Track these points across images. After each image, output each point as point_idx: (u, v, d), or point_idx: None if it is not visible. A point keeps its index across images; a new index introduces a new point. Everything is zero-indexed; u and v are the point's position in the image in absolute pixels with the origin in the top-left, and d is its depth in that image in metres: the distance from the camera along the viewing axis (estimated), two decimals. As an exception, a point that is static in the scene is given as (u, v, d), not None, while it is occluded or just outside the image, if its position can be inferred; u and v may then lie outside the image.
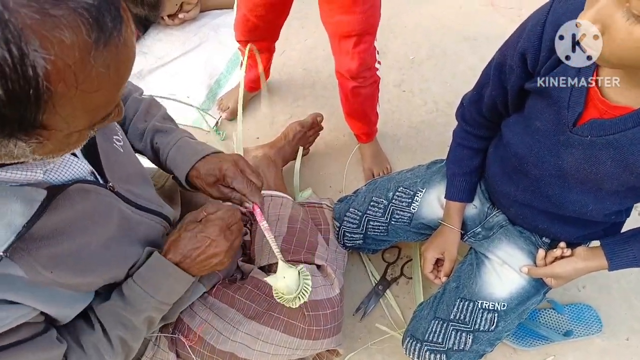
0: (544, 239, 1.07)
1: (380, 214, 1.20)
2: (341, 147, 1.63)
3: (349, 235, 1.23)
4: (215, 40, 1.84)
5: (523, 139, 0.89)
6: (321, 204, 1.32)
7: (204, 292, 0.98)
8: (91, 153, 0.67)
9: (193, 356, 0.95)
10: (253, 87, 1.62)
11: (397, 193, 1.19)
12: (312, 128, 1.51)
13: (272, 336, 0.95)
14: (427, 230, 1.19)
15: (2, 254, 0.50)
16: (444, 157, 1.19)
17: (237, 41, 1.44)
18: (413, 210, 1.17)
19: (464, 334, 1.04)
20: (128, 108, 0.90)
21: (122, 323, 0.74)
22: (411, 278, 1.40)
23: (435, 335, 1.06)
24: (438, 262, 1.15)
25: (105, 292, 0.76)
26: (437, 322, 1.07)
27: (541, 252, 1.03)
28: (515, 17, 1.98)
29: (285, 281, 0.83)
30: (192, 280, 0.80)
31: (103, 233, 0.67)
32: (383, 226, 1.20)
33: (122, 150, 0.76)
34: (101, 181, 0.68)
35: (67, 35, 0.37)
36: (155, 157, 0.90)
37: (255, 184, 0.85)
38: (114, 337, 0.73)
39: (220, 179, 0.84)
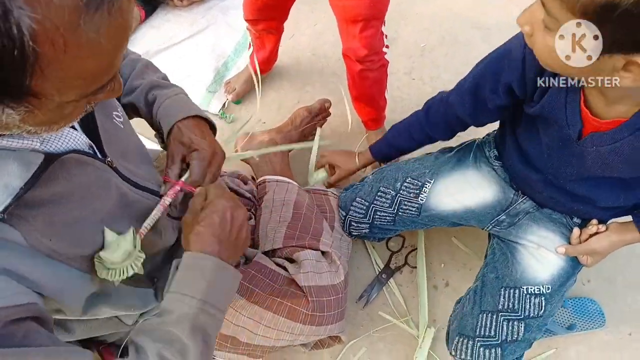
0: (575, 219, 1.05)
1: (388, 205, 1.18)
2: (349, 135, 1.61)
3: (355, 224, 1.22)
4: (223, 22, 1.82)
5: (539, 151, 0.92)
6: (327, 191, 1.31)
7: None
8: (90, 128, 0.66)
9: None
10: (261, 70, 1.61)
11: (405, 184, 1.18)
12: (319, 114, 1.49)
13: (274, 321, 0.95)
14: (437, 221, 1.17)
15: (1, 214, 0.50)
16: (452, 142, 1.19)
17: (246, 20, 1.42)
18: (421, 202, 1.16)
19: (515, 323, 1.01)
20: (124, 67, 0.87)
21: (162, 339, 0.63)
22: (415, 267, 1.39)
23: (487, 329, 1.02)
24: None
25: (124, 305, 0.74)
26: (485, 315, 1.03)
27: (576, 231, 1.02)
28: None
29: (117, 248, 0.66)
30: (235, 276, 0.71)
31: (100, 207, 0.66)
32: (390, 217, 1.19)
33: (122, 127, 0.74)
34: (100, 156, 0.67)
35: None
36: (145, 106, 0.84)
37: (204, 176, 0.78)
38: (152, 354, 0.61)
39: (190, 145, 0.78)
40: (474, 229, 1.19)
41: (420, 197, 1.16)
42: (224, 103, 1.65)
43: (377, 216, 1.20)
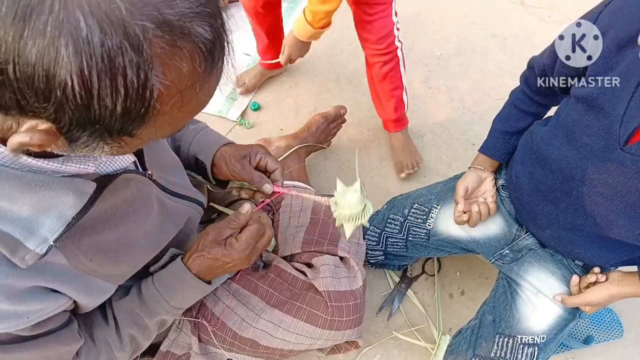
0: (576, 262, 1.03)
1: (397, 231, 1.19)
2: (364, 142, 1.63)
3: (370, 252, 1.24)
4: (243, 30, 1.85)
5: (566, 154, 0.84)
6: None
7: (228, 278, 1.00)
8: None
9: (215, 341, 0.96)
10: (271, 66, 1.65)
11: (413, 210, 1.18)
12: (334, 120, 1.51)
13: (294, 325, 0.96)
14: (447, 246, 1.17)
15: (52, 243, 0.52)
16: (469, 155, 1.18)
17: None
18: (429, 227, 1.16)
19: None
20: None
21: (135, 322, 0.77)
22: (432, 275, 1.39)
23: None
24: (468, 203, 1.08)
25: (123, 288, 0.78)
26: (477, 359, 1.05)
27: (575, 279, 1.00)
28: (545, 17, 1.95)
29: (346, 196, 0.75)
30: (208, 291, 0.83)
31: (144, 220, 0.69)
32: (402, 242, 1.20)
33: (159, 140, 0.77)
34: (141, 170, 0.69)
35: (184, 65, 0.39)
36: (172, 141, 0.91)
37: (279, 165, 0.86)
38: (125, 334, 0.76)
39: (248, 156, 0.85)
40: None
41: (427, 223, 1.16)
42: (243, 110, 1.67)
43: (389, 242, 1.21)
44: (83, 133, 0.40)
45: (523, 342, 1.01)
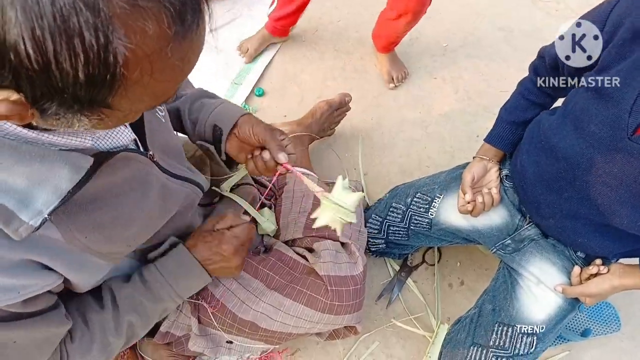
0: (578, 253, 1.04)
1: (400, 220, 1.20)
2: (368, 130, 1.62)
3: (372, 240, 1.24)
4: (248, 16, 1.84)
5: (573, 143, 0.84)
6: None
7: None
8: (136, 122, 0.67)
9: (215, 322, 0.97)
10: (279, 31, 1.68)
11: (415, 199, 1.18)
12: (339, 108, 1.50)
13: (293, 308, 0.96)
14: (449, 236, 1.17)
15: (47, 217, 0.51)
16: (473, 146, 1.18)
17: None
18: (431, 216, 1.16)
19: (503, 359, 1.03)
20: None
21: (136, 310, 0.77)
22: (432, 265, 1.40)
23: None
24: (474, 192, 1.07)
25: (124, 275, 0.79)
26: (476, 348, 1.05)
27: (576, 270, 1.00)
28: (552, 11, 1.94)
29: (346, 196, 0.73)
30: (209, 281, 0.86)
31: (142, 200, 0.68)
32: (403, 231, 1.20)
33: (163, 121, 0.77)
34: (142, 149, 0.69)
35: (150, 27, 0.37)
36: (189, 113, 0.89)
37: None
38: (123, 321, 0.76)
39: (272, 129, 0.83)
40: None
41: (430, 212, 1.16)
42: (247, 95, 1.67)
43: (390, 231, 1.21)
44: (52, 103, 0.39)
45: (522, 331, 1.02)
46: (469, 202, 1.04)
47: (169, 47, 0.40)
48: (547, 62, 0.93)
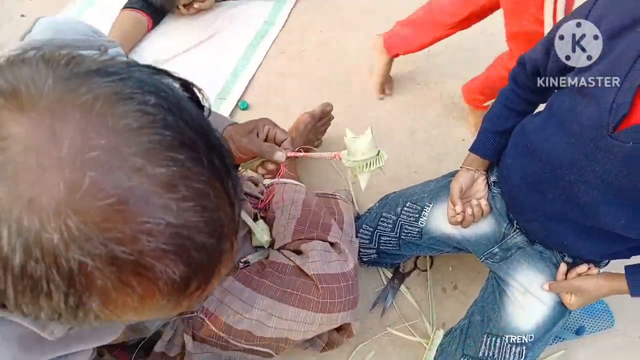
0: (566, 258, 1.05)
1: (390, 229, 1.20)
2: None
3: (363, 250, 1.24)
4: (231, 30, 1.84)
5: (557, 143, 0.85)
6: (335, 195, 1.32)
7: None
8: None
9: (211, 339, 0.96)
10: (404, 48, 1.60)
11: (405, 208, 1.19)
12: (322, 118, 1.50)
13: (286, 311, 0.95)
14: (440, 245, 1.18)
15: None
16: (459, 151, 1.19)
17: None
18: (421, 225, 1.16)
19: None
20: None
21: None
22: (424, 270, 1.40)
23: None
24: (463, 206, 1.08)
25: None
26: (466, 359, 1.06)
27: (563, 267, 1.01)
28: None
29: (357, 143, 0.76)
30: None
31: None
32: (394, 240, 1.20)
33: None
34: None
35: (134, 299, 0.34)
36: None
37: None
38: None
39: (255, 129, 0.82)
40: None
41: (420, 221, 1.17)
42: (232, 109, 1.67)
43: (381, 241, 1.21)
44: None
45: (511, 341, 1.03)
46: (458, 214, 1.05)
47: (154, 311, 0.36)
48: (528, 68, 0.95)
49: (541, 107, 1.02)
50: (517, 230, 1.09)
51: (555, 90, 0.90)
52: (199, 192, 0.33)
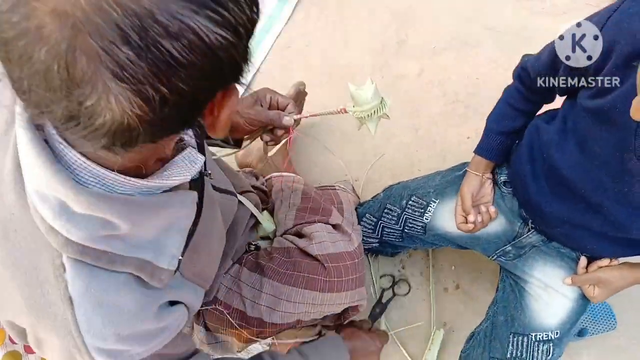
0: (585, 254, 1.02)
1: (394, 222, 1.18)
2: (359, 135, 1.61)
3: (365, 238, 1.23)
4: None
5: (578, 161, 0.82)
6: (334, 186, 1.32)
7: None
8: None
9: (221, 327, 0.96)
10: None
11: (410, 202, 1.17)
12: (297, 99, 1.49)
13: (294, 294, 0.95)
14: (444, 242, 1.16)
15: (180, 257, 0.55)
16: (463, 148, 1.17)
17: None
18: (426, 221, 1.15)
19: None
20: None
21: None
22: (405, 294, 1.38)
23: None
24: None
25: None
26: None
27: (583, 261, 1.00)
28: (539, 9, 1.94)
29: (362, 93, 0.81)
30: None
31: (214, 217, 0.72)
32: (397, 232, 1.19)
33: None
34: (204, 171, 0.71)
35: None
36: None
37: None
38: None
39: (258, 100, 0.86)
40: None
41: (425, 217, 1.15)
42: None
43: (385, 232, 1.20)
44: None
45: (538, 339, 1.01)
46: (471, 222, 1.03)
47: None
48: (531, 76, 0.92)
49: (547, 106, 1.01)
50: (532, 230, 1.06)
51: (566, 96, 0.88)
52: None
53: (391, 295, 1.38)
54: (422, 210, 1.15)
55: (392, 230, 1.20)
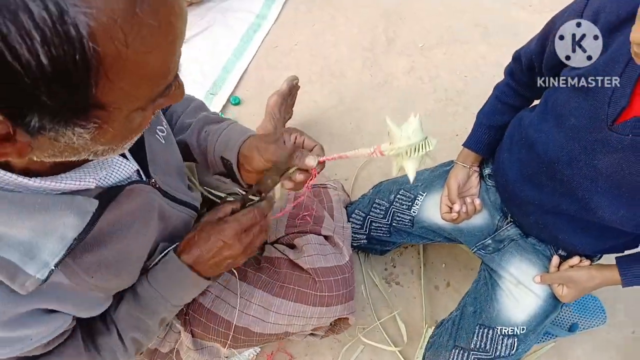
0: (560, 251, 1.04)
1: (382, 216, 1.19)
2: (347, 135, 1.61)
3: (354, 235, 1.23)
4: (222, 24, 1.82)
5: (554, 137, 0.84)
6: (326, 184, 1.31)
7: None
8: (136, 149, 0.64)
9: (209, 335, 0.95)
10: None
11: (398, 195, 1.18)
12: (290, 94, 1.49)
13: (284, 307, 0.94)
14: (430, 234, 1.17)
15: (53, 267, 0.49)
16: (453, 145, 1.18)
17: None
18: (413, 214, 1.16)
19: None
20: (177, 106, 0.87)
21: (136, 326, 0.75)
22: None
23: None
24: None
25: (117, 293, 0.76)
26: (457, 351, 1.04)
27: (555, 259, 1.01)
28: (526, 6, 1.94)
29: (404, 127, 0.67)
30: (207, 285, 0.78)
31: (144, 230, 0.66)
32: (385, 227, 1.20)
33: (163, 142, 0.73)
34: (144, 178, 0.66)
35: None
36: (198, 146, 0.84)
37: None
38: (127, 339, 0.74)
39: (281, 138, 0.75)
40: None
41: (412, 209, 1.16)
42: (223, 104, 1.65)
43: (373, 227, 1.21)
44: (33, 114, 0.35)
45: (503, 333, 1.02)
46: (455, 212, 1.05)
47: (137, 4, 0.34)
48: (524, 63, 0.94)
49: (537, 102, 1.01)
50: (511, 223, 1.09)
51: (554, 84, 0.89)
52: None
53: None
54: (410, 204, 1.17)
55: (380, 225, 1.20)
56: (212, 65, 1.72)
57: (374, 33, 1.84)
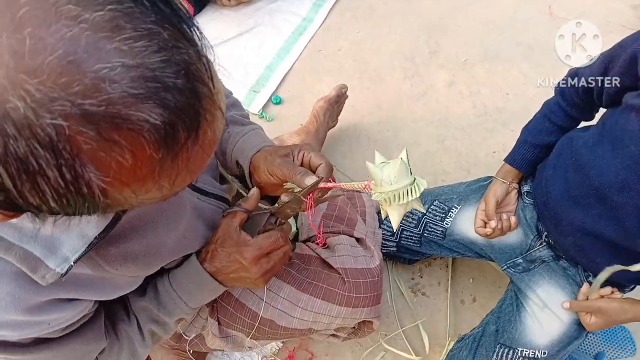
0: (590, 278, 1.02)
1: (414, 225, 1.19)
2: (383, 141, 1.62)
3: (383, 242, 1.24)
4: (269, 24, 1.86)
5: (609, 162, 0.83)
6: (358, 190, 1.33)
7: None
8: None
9: (235, 324, 0.96)
10: None
11: (433, 206, 1.18)
12: (337, 101, 1.51)
13: (311, 303, 0.96)
14: (461, 248, 1.17)
15: (72, 263, 0.50)
16: (489, 162, 1.17)
17: None
18: (446, 226, 1.16)
19: None
20: None
21: (154, 320, 0.77)
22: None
23: None
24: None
25: (139, 287, 0.76)
26: None
27: (585, 287, 1.00)
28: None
29: (386, 170, 0.59)
30: (224, 290, 0.80)
31: (175, 225, 0.66)
32: (416, 237, 1.20)
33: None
34: None
35: (127, 158, 0.32)
36: (219, 144, 0.82)
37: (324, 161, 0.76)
38: (146, 330, 0.76)
39: (291, 153, 0.76)
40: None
41: (445, 221, 1.16)
42: (265, 103, 1.68)
43: (403, 235, 1.21)
44: (38, 212, 0.36)
45: (523, 355, 1.02)
46: (491, 228, 1.04)
47: (156, 171, 0.35)
48: (580, 84, 0.92)
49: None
50: (544, 244, 1.07)
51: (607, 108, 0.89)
52: (148, 31, 0.31)
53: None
54: (443, 215, 1.17)
55: (411, 234, 1.20)
56: (257, 63, 1.75)
57: (417, 44, 1.85)
